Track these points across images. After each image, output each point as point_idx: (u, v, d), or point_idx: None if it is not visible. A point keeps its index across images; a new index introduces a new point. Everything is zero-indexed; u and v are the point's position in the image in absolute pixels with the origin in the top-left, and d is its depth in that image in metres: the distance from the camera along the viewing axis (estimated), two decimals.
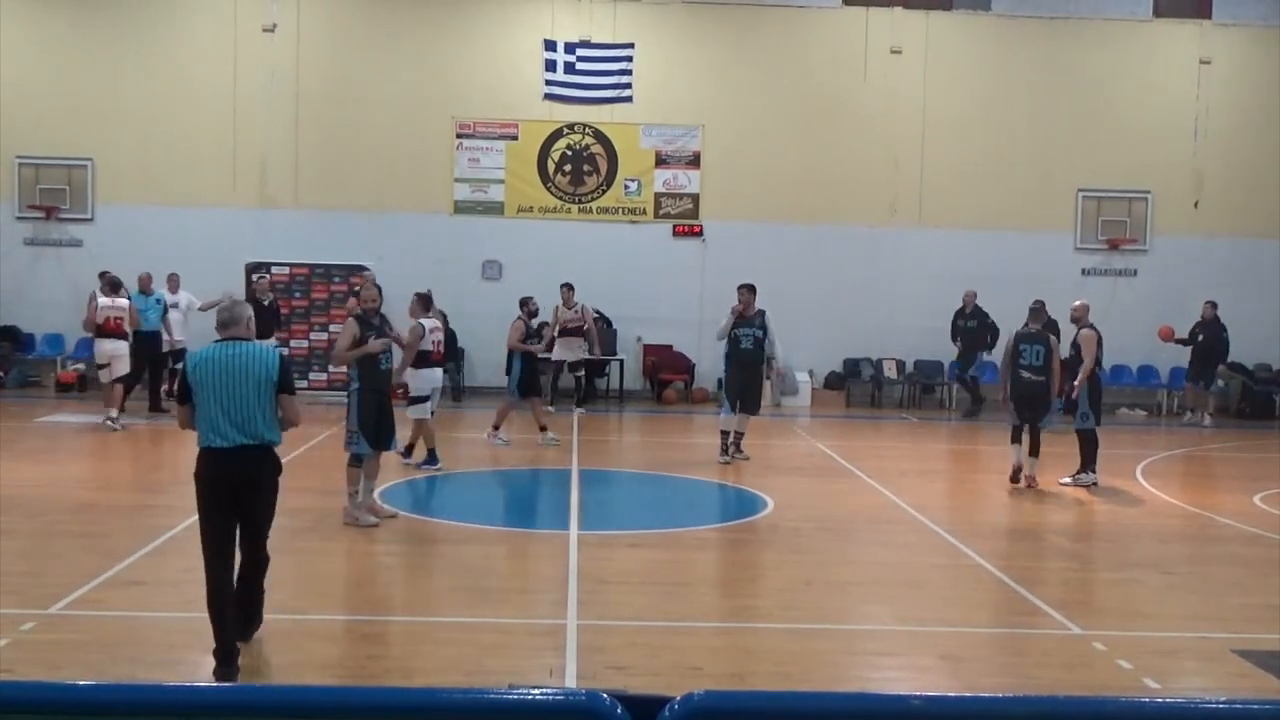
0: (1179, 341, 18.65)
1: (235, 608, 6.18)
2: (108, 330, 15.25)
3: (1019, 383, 12.37)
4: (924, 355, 21.01)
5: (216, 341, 6.37)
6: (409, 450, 12.67)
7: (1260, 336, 21.07)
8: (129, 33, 20.33)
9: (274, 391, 6.23)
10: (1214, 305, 19.26)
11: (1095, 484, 12.53)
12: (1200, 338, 19.09)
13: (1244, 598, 8.26)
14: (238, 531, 6.27)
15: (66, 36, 20.34)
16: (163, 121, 20.26)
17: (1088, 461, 12.58)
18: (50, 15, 20.31)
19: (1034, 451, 12.33)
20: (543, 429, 14.59)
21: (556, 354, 17.75)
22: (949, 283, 20.42)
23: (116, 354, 15.23)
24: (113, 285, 15.63)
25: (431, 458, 12.49)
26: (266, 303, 17.11)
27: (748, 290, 13.57)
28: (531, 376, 14.60)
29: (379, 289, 10.31)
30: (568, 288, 18.05)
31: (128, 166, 20.27)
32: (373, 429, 9.71)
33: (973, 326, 19.40)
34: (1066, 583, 8.77)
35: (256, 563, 6.43)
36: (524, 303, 14.96)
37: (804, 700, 2.54)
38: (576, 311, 17.94)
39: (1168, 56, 21.29)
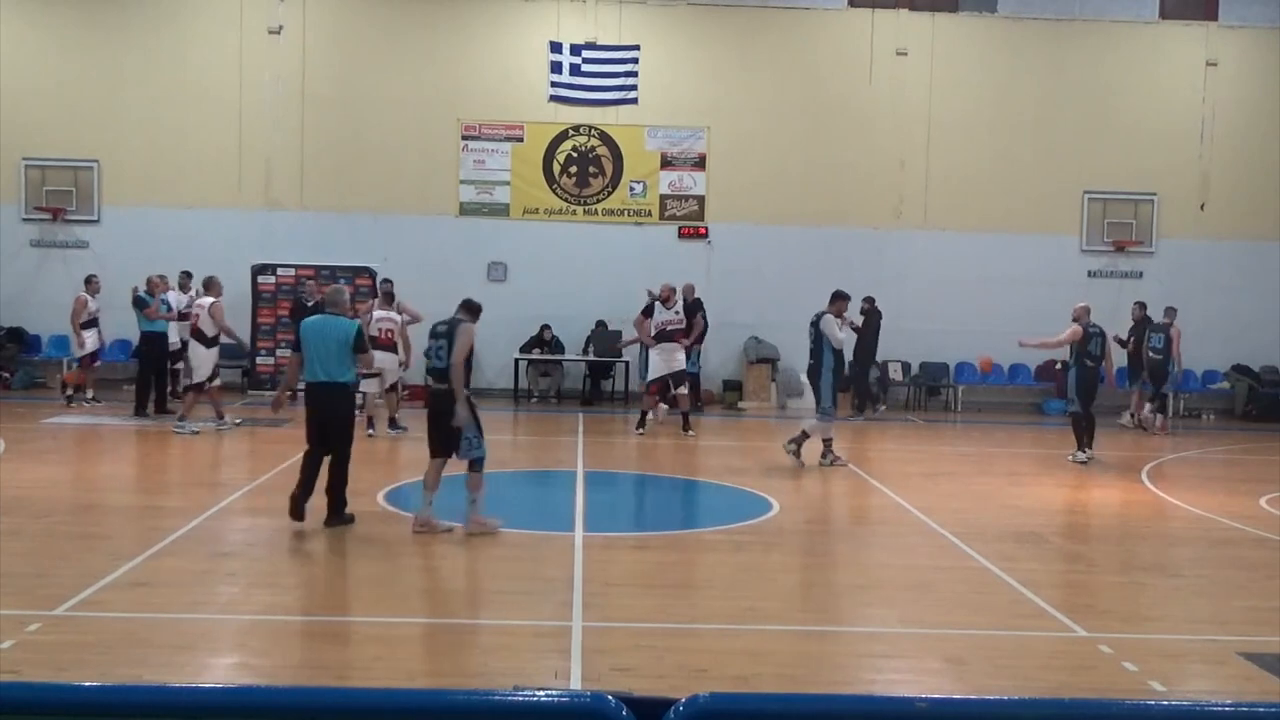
0: (1117, 341, 17.85)
1: (314, 476, 9.32)
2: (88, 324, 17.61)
3: (1147, 359, 17.75)
4: (929, 357, 20.99)
5: (321, 314, 9.84)
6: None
7: (1266, 339, 21.04)
8: (135, 35, 20.39)
9: (350, 351, 9.48)
10: (1143, 306, 19.01)
11: (1085, 462, 14.23)
12: (1131, 340, 18.75)
13: (1250, 600, 8.24)
14: (328, 438, 9.50)
15: (72, 39, 20.39)
16: (168, 123, 20.31)
17: (1079, 442, 14.45)
18: (56, 17, 20.36)
19: (1162, 409, 17.94)
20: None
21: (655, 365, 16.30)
22: (954, 285, 20.39)
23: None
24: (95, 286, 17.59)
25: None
26: (310, 304, 17.21)
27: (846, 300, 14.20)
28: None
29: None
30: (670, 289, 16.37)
31: (134, 168, 20.33)
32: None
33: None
34: (1072, 585, 8.75)
35: (339, 459, 9.50)
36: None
37: (809, 703, 2.54)
38: (676, 311, 16.17)
39: (1174, 59, 21.26)
